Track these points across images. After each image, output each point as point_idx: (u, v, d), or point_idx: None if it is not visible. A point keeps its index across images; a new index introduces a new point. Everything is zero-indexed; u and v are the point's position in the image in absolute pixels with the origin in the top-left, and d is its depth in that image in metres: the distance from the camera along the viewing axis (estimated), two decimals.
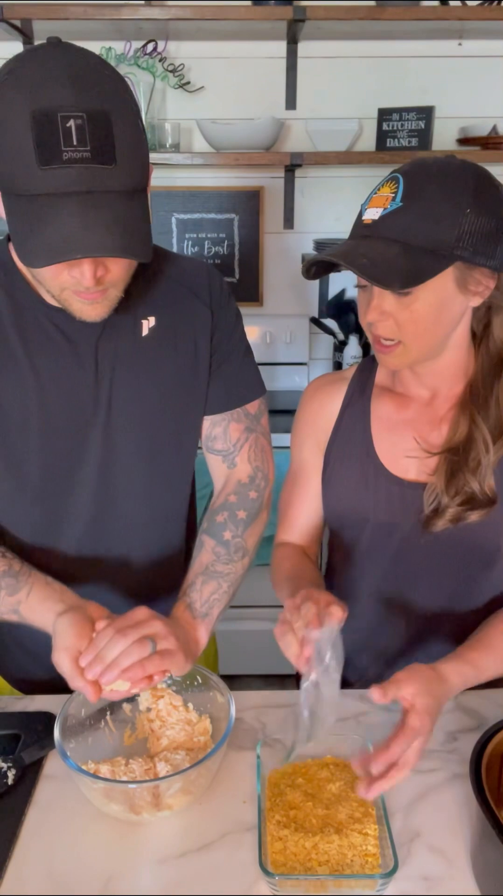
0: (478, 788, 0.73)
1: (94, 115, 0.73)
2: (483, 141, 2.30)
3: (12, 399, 0.94)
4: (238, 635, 2.30)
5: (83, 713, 0.91)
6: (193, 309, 1.02)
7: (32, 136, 0.72)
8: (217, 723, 0.91)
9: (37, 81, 0.73)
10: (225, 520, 1.05)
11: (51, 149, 0.72)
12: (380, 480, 1.06)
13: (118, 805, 0.80)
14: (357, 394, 1.11)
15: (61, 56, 0.75)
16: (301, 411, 1.16)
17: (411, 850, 0.80)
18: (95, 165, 0.73)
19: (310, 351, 2.66)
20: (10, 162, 0.73)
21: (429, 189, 0.88)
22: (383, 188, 0.91)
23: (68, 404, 0.96)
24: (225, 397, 1.07)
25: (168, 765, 0.85)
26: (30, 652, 1.11)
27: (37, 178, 0.73)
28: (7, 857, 0.78)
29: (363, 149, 2.43)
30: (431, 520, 1.00)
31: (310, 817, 0.81)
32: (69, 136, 0.72)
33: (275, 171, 2.48)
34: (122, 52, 2.29)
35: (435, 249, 0.88)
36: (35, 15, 2.07)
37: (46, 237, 0.74)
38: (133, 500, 1.04)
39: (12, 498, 1.00)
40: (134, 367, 0.98)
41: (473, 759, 0.77)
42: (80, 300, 0.84)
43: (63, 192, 0.73)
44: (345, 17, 2.07)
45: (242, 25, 2.15)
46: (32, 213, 0.74)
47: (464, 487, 0.97)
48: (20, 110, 0.72)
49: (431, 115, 2.30)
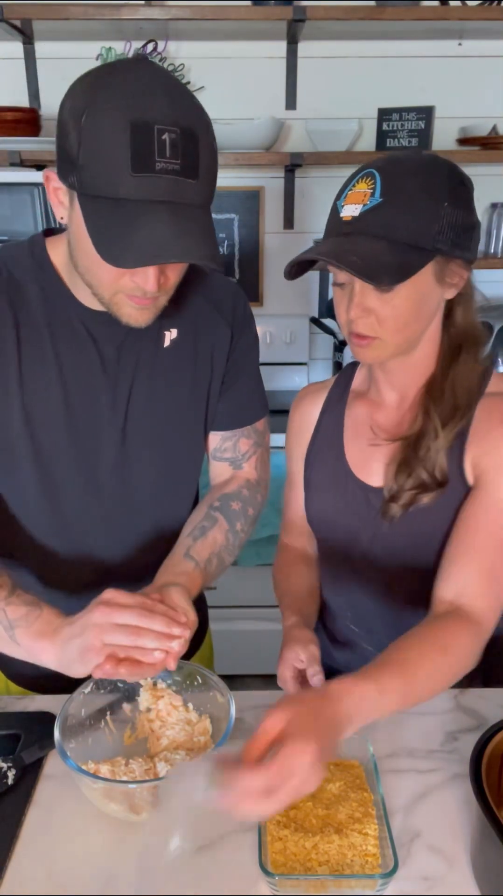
0: (478, 788, 0.73)
1: (185, 131, 0.77)
2: (483, 141, 2.30)
3: (39, 389, 0.96)
4: (237, 635, 2.30)
5: (83, 713, 0.91)
6: (215, 326, 1.06)
7: (129, 143, 0.75)
8: (217, 723, 0.91)
9: (136, 92, 0.76)
10: (238, 510, 1.08)
11: (145, 158, 0.75)
12: (348, 486, 1.08)
13: (118, 805, 0.80)
14: (335, 400, 1.14)
15: (153, 71, 0.79)
16: (289, 420, 1.20)
17: (411, 850, 0.80)
18: (182, 178, 0.78)
19: (310, 351, 2.66)
20: (102, 166, 0.76)
21: (408, 184, 0.88)
22: (359, 184, 0.90)
23: (88, 404, 0.99)
24: (236, 414, 1.11)
25: (168, 765, 0.85)
26: None
27: (128, 183, 0.76)
28: (7, 857, 0.78)
29: (363, 149, 2.43)
30: (387, 505, 1.01)
31: (309, 817, 0.81)
32: (163, 148, 0.76)
33: (275, 171, 2.48)
34: (122, 52, 2.29)
35: (417, 244, 0.88)
36: (35, 15, 2.07)
37: (138, 240, 0.76)
38: (143, 503, 1.06)
39: (31, 492, 1.01)
40: (152, 375, 1.01)
41: (473, 759, 0.77)
42: (131, 305, 0.87)
43: (152, 199, 0.77)
44: (345, 17, 2.07)
45: (242, 25, 2.15)
46: (122, 216, 0.77)
47: (414, 474, 0.98)
48: (119, 118, 0.75)
49: (431, 115, 2.30)
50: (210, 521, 1.05)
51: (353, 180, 0.91)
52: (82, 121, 0.76)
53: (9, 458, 0.99)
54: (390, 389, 1.07)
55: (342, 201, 0.91)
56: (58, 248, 0.97)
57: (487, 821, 0.70)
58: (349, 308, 0.94)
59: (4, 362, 0.95)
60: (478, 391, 1.00)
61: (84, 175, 0.78)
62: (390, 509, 1.01)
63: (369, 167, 0.90)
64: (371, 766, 0.86)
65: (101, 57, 2.29)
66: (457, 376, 0.99)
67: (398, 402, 1.07)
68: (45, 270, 0.96)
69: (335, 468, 1.10)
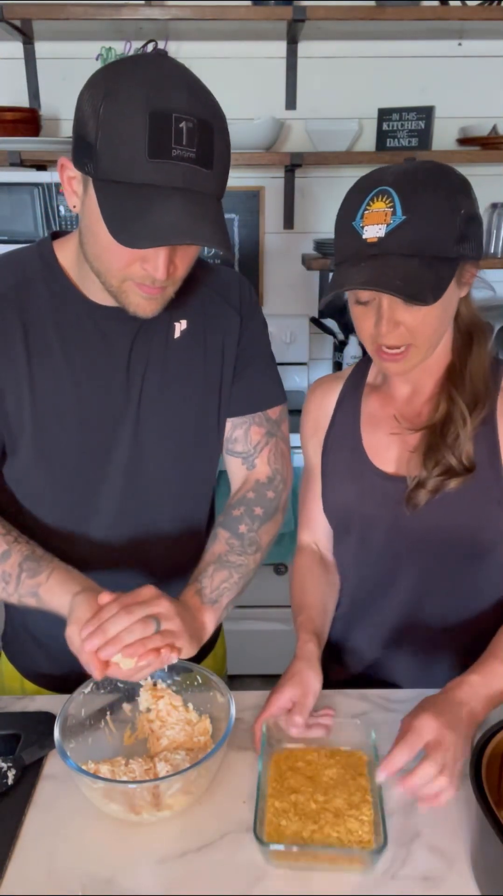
0: (478, 788, 0.73)
1: (202, 122, 0.80)
2: (483, 141, 2.30)
3: (48, 390, 0.97)
4: (237, 635, 2.30)
5: (83, 713, 0.91)
6: (224, 314, 1.07)
7: (147, 130, 0.76)
8: (217, 723, 0.91)
9: (156, 82, 0.78)
10: (241, 514, 1.07)
11: (163, 144, 0.77)
12: (365, 474, 1.09)
13: (118, 805, 0.80)
14: (350, 392, 1.15)
15: (174, 65, 0.82)
16: (304, 412, 1.21)
17: (411, 850, 0.79)
18: (197, 167, 0.80)
19: (310, 351, 2.66)
20: (120, 150, 0.78)
21: (426, 197, 0.89)
22: (376, 204, 0.90)
23: (101, 399, 0.99)
24: (247, 400, 1.10)
25: (168, 765, 0.85)
26: (42, 645, 1.13)
27: (144, 168, 0.77)
28: (7, 857, 0.78)
29: (363, 149, 2.43)
30: (413, 493, 1.02)
31: (309, 802, 0.82)
32: (180, 136, 0.78)
33: (275, 171, 2.48)
34: (122, 52, 2.29)
35: (444, 255, 0.90)
36: (35, 15, 2.07)
37: (153, 222, 0.78)
38: (158, 493, 1.06)
39: (44, 486, 1.02)
40: (165, 367, 1.02)
41: (473, 760, 0.77)
42: (139, 294, 0.88)
43: (167, 185, 0.78)
44: (345, 17, 2.07)
45: (242, 25, 2.15)
46: (137, 199, 0.79)
47: (442, 460, 1.00)
48: (139, 106, 0.77)
49: (431, 115, 2.30)
50: (212, 538, 1.05)
51: (366, 199, 0.91)
52: (101, 108, 0.78)
53: (21, 458, 1.00)
54: (403, 383, 1.09)
55: (360, 222, 0.92)
56: (66, 249, 0.98)
57: (487, 821, 0.70)
58: (378, 323, 0.95)
59: (14, 364, 0.95)
60: (495, 381, 1.04)
61: (101, 161, 0.79)
62: (416, 496, 1.02)
63: (381, 185, 0.91)
64: (372, 754, 0.87)
65: (101, 57, 2.29)
66: (473, 365, 1.03)
67: (410, 395, 1.09)
68: (54, 271, 0.97)
69: (352, 458, 1.11)
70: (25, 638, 1.14)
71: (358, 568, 1.15)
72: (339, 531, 1.16)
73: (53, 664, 1.11)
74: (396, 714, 0.99)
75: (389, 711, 1.01)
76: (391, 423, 1.09)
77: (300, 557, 1.21)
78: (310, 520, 1.21)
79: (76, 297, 0.97)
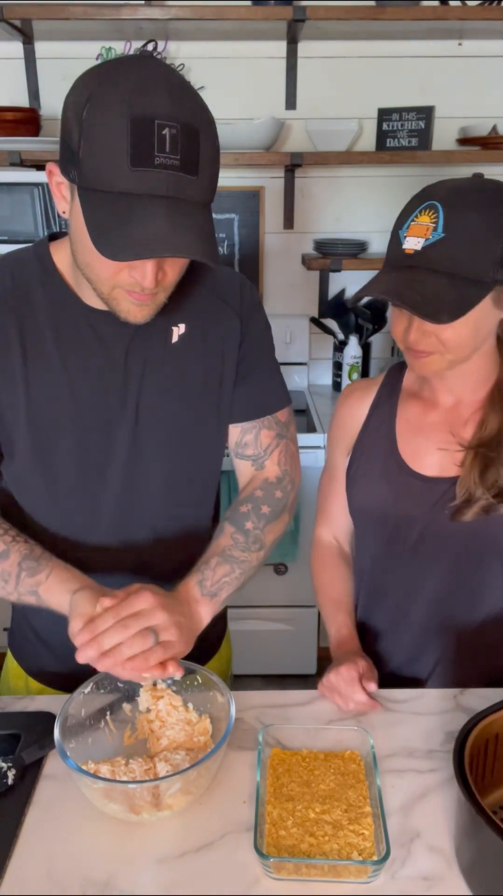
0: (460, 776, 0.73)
1: (186, 127, 0.77)
2: (483, 141, 2.30)
3: (44, 394, 0.97)
4: (237, 635, 2.30)
5: (83, 713, 0.91)
6: (223, 317, 1.05)
7: (129, 137, 0.75)
8: (217, 723, 0.91)
9: (137, 87, 0.76)
10: (248, 511, 1.07)
11: (145, 152, 0.75)
12: (402, 477, 1.09)
13: (118, 805, 0.80)
14: (385, 397, 1.16)
15: (156, 67, 0.79)
16: (335, 415, 1.22)
17: (411, 850, 0.79)
18: (182, 174, 0.77)
19: (310, 351, 2.66)
20: (101, 159, 0.76)
21: (470, 218, 0.89)
22: (422, 217, 0.91)
23: (97, 403, 0.99)
24: (255, 405, 1.10)
25: (168, 765, 0.85)
26: (46, 643, 1.13)
27: (126, 177, 0.76)
28: (7, 857, 0.78)
29: (363, 149, 2.43)
30: (461, 510, 1.02)
31: (308, 811, 0.82)
32: (163, 143, 0.75)
33: (275, 171, 2.48)
34: (122, 52, 2.29)
35: (478, 278, 0.90)
36: (35, 15, 2.07)
37: (135, 234, 0.76)
38: (157, 497, 1.06)
39: (42, 491, 1.02)
40: (162, 372, 1.01)
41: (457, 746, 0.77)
42: (130, 301, 0.87)
43: (150, 194, 0.77)
44: (345, 17, 2.07)
45: (242, 25, 2.15)
46: (119, 209, 0.77)
47: (499, 481, 1.00)
48: (119, 112, 0.75)
49: (431, 115, 2.30)
50: (218, 531, 1.05)
51: (416, 211, 0.92)
52: (83, 114, 0.76)
53: (18, 461, 1.00)
54: (446, 392, 1.09)
55: (404, 232, 0.93)
56: (62, 251, 0.97)
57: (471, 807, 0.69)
58: (408, 331, 0.97)
59: (9, 368, 0.95)
60: None
61: (84, 168, 0.78)
62: (465, 512, 1.02)
63: (432, 199, 0.92)
64: (370, 759, 0.87)
65: (101, 57, 2.29)
66: None
67: (454, 405, 1.09)
68: (50, 274, 0.97)
69: (387, 461, 1.11)
70: (30, 636, 1.14)
71: (383, 564, 1.15)
72: (366, 530, 1.17)
73: (58, 662, 1.11)
74: (397, 714, 1.00)
75: (390, 712, 1.01)
76: (433, 430, 1.09)
77: (320, 549, 1.26)
78: (331, 515, 1.24)
79: (72, 301, 0.97)
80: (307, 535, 2.27)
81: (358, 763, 0.89)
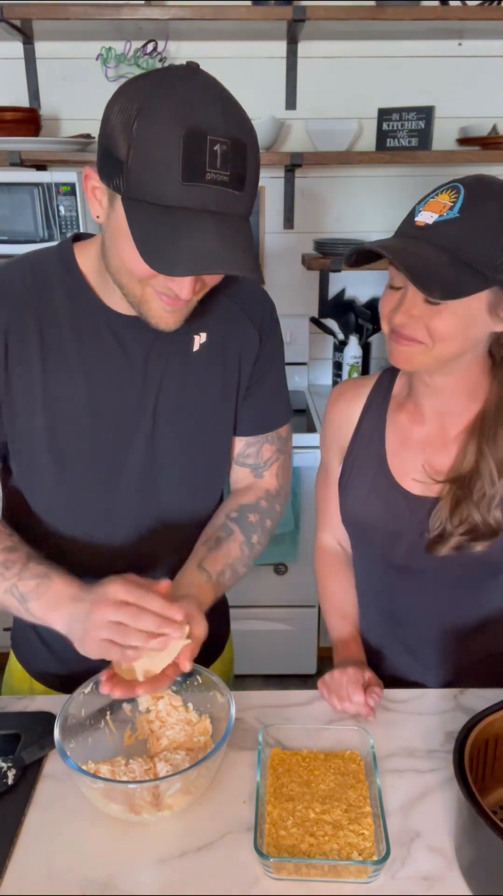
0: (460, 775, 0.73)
1: (236, 142, 0.77)
2: (483, 141, 2.30)
3: (63, 395, 0.96)
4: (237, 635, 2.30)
5: (83, 713, 0.91)
6: (244, 329, 1.05)
7: (182, 151, 0.74)
8: (217, 723, 0.91)
9: (190, 101, 0.76)
10: (255, 522, 1.08)
11: (197, 167, 0.75)
12: (390, 492, 1.08)
13: (118, 805, 0.80)
14: (376, 403, 1.14)
15: (207, 81, 0.80)
16: (326, 415, 1.20)
17: (411, 850, 0.79)
18: (230, 190, 0.78)
19: (310, 351, 2.66)
20: (152, 171, 0.76)
21: (489, 207, 0.88)
22: (442, 195, 0.91)
23: (115, 408, 0.98)
24: (261, 421, 1.11)
25: (168, 765, 0.85)
26: (49, 646, 1.12)
27: (178, 191, 0.76)
28: (7, 857, 0.78)
29: (363, 149, 2.43)
30: (435, 544, 1.02)
31: (308, 811, 0.82)
32: (215, 158, 0.76)
33: (275, 171, 2.48)
34: (122, 52, 2.29)
35: (479, 268, 0.89)
36: (35, 15, 2.07)
37: (188, 248, 0.76)
38: (169, 505, 1.06)
39: (57, 492, 1.01)
40: (181, 380, 1.01)
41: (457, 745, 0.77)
42: (161, 305, 0.87)
43: (200, 208, 0.77)
44: (345, 17, 2.07)
45: (242, 25, 2.15)
46: (169, 224, 0.77)
47: (468, 518, 0.98)
48: (173, 125, 0.75)
49: (431, 115, 2.30)
50: (226, 531, 1.05)
51: (438, 190, 0.92)
52: (134, 125, 0.76)
53: (32, 463, 0.99)
54: (432, 401, 1.06)
55: (421, 206, 0.92)
56: (86, 253, 0.96)
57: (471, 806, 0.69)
58: (396, 311, 0.95)
59: (28, 368, 0.95)
60: None
61: (132, 179, 0.77)
62: (439, 548, 1.02)
63: (458, 181, 0.91)
64: (370, 759, 0.87)
65: (101, 57, 2.29)
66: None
67: (440, 418, 1.06)
68: (73, 276, 0.96)
69: (377, 473, 1.10)
70: (33, 639, 1.14)
71: (377, 573, 1.15)
72: (360, 541, 1.16)
73: (61, 664, 1.11)
74: (397, 714, 1.00)
75: (390, 711, 1.01)
76: (417, 447, 1.07)
77: (326, 556, 1.24)
78: (331, 518, 1.21)
79: (94, 304, 0.96)
80: (307, 535, 2.27)
81: (358, 763, 0.89)
